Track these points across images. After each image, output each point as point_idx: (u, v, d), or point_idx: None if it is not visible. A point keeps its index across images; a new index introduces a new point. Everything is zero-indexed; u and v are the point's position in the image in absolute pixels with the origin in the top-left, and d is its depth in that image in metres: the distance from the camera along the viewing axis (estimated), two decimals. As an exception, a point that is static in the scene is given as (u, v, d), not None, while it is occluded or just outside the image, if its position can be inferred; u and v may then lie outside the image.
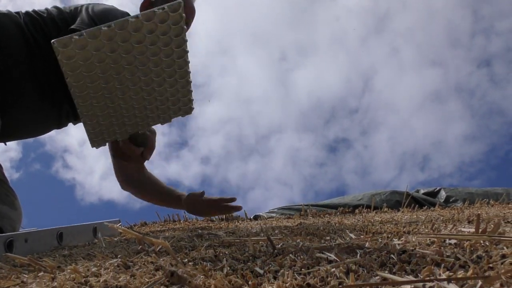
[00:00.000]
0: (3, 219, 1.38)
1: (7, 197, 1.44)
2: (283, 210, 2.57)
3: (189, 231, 1.62)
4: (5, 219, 1.38)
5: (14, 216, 1.43)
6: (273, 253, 0.76)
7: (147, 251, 0.90)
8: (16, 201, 1.49)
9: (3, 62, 1.38)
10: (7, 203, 1.43)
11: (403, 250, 0.66)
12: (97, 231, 1.49)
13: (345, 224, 1.45)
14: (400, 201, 2.48)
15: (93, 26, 1.41)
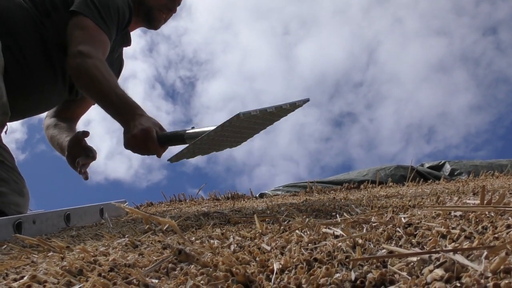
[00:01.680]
0: (11, 206, 1.39)
1: (16, 184, 1.46)
2: (288, 187, 2.58)
3: (195, 210, 1.63)
4: (13, 205, 1.40)
5: (22, 202, 1.45)
6: (279, 230, 0.77)
7: (154, 231, 0.90)
8: (24, 187, 1.50)
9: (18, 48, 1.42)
10: (16, 190, 1.44)
11: (409, 223, 0.67)
12: (104, 212, 1.50)
13: (351, 200, 1.45)
14: (405, 175, 2.48)
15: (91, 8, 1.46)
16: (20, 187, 1.47)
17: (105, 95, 1.39)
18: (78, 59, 1.39)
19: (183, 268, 0.52)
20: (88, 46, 1.42)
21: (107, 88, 1.38)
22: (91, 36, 1.45)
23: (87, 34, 1.45)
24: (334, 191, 2.26)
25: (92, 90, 1.42)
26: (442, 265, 0.40)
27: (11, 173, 1.45)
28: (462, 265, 0.39)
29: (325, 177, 2.67)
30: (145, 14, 1.70)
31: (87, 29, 1.45)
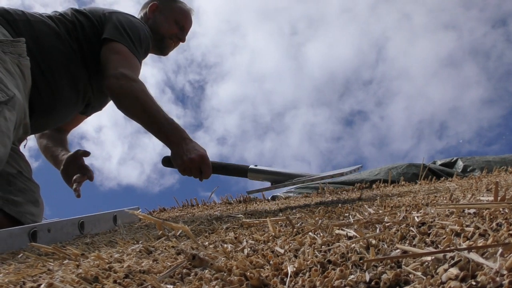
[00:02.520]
0: (26, 215, 1.41)
1: (32, 194, 1.48)
2: (300, 189, 2.58)
3: (208, 214, 1.63)
4: (28, 214, 1.42)
5: (37, 212, 1.47)
6: (292, 232, 0.77)
7: (167, 236, 0.91)
8: (39, 197, 1.53)
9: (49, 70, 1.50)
10: (32, 200, 1.47)
11: (422, 222, 0.66)
12: (117, 219, 1.51)
13: (363, 200, 1.45)
14: (417, 173, 2.47)
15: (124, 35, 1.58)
16: (36, 197, 1.49)
17: (155, 119, 1.49)
18: (123, 81, 1.48)
19: (197, 273, 0.53)
20: (129, 70, 1.51)
21: (156, 112, 1.48)
22: (127, 60, 1.55)
23: (124, 59, 1.54)
24: (346, 192, 2.25)
25: (140, 113, 1.50)
26: (457, 264, 0.40)
27: (28, 183, 1.48)
28: (477, 263, 0.39)
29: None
30: (158, 41, 1.84)
31: (122, 54, 1.55)
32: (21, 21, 1.49)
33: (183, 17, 1.90)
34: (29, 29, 1.48)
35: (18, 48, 1.37)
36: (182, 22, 1.88)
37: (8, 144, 1.20)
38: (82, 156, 1.80)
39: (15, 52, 1.35)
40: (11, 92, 1.24)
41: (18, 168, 1.46)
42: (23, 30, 1.47)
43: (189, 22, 1.92)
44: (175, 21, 1.86)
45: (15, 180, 1.43)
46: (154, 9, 1.86)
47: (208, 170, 1.51)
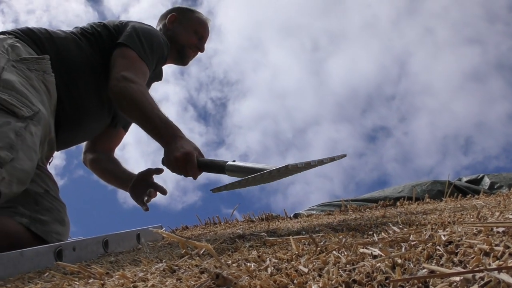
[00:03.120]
0: (52, 234, 1.43)
1: (59, 213, 1.51)
2: (323, 206, 2.56)
3: (230, 232, 1.63)
4: (54, 234, 1.44)
5: (63, 231, 1.49)
6: (316, 251, 0.76)
7: (191, 255, 0.91)
8: (66, 216, 1.56)
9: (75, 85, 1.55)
10: (58, 219, 1.49)
11: (449, 241, 0.65)
12: (140, 237, 1.52)
13: (387, 218, 1.43)
14: (442, 190, 2.42)
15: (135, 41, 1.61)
16: (62, 216, 1.52)
17: (148, 117, 1.49)
18: (122, 83, 1.51)
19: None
20: (131, 73, 1.54)
21: (150, 110, 1.49)
22: (133, 65, 1.58)
23: (130, 63, 1.58)
24: (370, 209, 2.22)
25: (135, 112, 1.52)
26: (487, 284, 0.39)
27: (55, 202, 1.51)
28: (508, 284, 0.38)
29: (360, 193, 2.65)
30: (177, 51, 1.89)
31: (130, 59, 1.59)
32: (45, 39, 1.54)
33: (201, 27, 1.94)
34: (53, 46, 1.54)
35: (43, 65, 1.42)
36: (200, 32, 1.93)
37: (34, 158, 1.23)
38: (154, 174, 1.84)
39: (40, 69, 1.40)
40: (36, 107, 1.27)
41: (45, 187, 1.49)
42: (47, 47, 1.52)
43: (207, 32, 1.96)
44: (194, 31, 1.91)
45: (42, 200, 1.46)
46: (173, 20, 1.91)
47: (192, 169, 1.45)
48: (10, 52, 1.38)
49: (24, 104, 1.25)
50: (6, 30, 1.51)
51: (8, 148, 1.15)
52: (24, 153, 1.19)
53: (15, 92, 1.26)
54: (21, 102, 1.24)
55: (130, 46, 1.61)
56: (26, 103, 1.25)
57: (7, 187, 1.14)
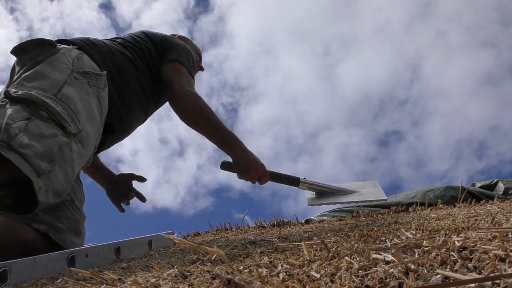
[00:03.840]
0: (67, 242, 1.44)
1: (76, 224, 1.53)
2: (334, 212, 2.55)
3: (242, 238, 1.63)
4: (70, 245, 1.45)
5: (77, 242, 1.51)
6: (328, 257, 0.76)
7: (202, 260, 0.91)
8: (83, 228, 1.58)
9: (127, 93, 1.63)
10: (74, 229, 1.51)
11: (464, 246, 0.64)
12: (152, 243, 1.52)
13: (400, 223, 1.41)
14: (455, 196, 2.40)
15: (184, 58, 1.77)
16: (79, 227, 1.54)
17: (220, 131, 1.71)
18: (193, 99, 1.68)
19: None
20: (193, 88, 1.71)
21: (220, 125, 1.71)
22: (188, 80, 1.73)
23: (187, 79, 1.72)
24: (382, 215, 2.21)
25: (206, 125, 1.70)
26: (502, 290, 0.38)
27: (76, 212, 1.53)
28: (525, 290, 0.37)
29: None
30: None
31: (185, 75, 1.73)
32: (105, 53, 1.59)
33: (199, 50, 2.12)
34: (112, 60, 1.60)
35: (100, 81, 1.46)
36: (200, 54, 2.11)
37: (70, 173, 1.25)
38: (136, 180, 1.94)
39: (97, 85, 1.44)
40: (81, 126, 1.31)
41: (72, 196, 1.52)
42: (107, 62, 1.56)
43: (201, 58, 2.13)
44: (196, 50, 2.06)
45: (64, 207, 1.48)
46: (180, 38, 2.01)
47: (266, 179, 1.80)
48: (76, 63, 1.41)
49: (73, 120, 1.27)
50: (70, 39, 1.54)
51: (49, 160, 1.17)
52: (61, 167, 1.21)
53: (69, 107, 1.29)
54: (71, 117, 1.27)
55: (181, 62, 1.74)
56: (75, 120, 1.28)
57: (44, 197, 1.16)
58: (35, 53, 1.37)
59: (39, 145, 1.16)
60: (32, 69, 1.32)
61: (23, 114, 1.19)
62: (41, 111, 1.22)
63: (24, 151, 1.12)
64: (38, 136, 1.17)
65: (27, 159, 1.12)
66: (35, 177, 1.13)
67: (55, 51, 1.40)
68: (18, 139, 1.12)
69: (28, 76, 1.30)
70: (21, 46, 1.39)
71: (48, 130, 1.21)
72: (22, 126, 1.16)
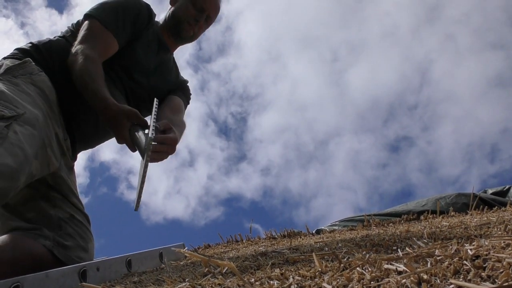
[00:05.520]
0: (74, 259, 1.45)
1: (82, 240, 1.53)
2: (345, 222, 2.53)
3: (252, 250, 1.63)
4: (76, 258, 1.45)
5: (85, 257, 1.51)
6: (340, 267, 0.75)
7: (213, 273, 0.91)
8: (90, 242, 1.58)
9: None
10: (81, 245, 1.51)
11: (477, 255, 0.64)
12: (163, 256, 1.52)
13: (412, 232, 1.40)
14: (467, 203, 2.38)
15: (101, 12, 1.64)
16: (86, 242, 1.53)
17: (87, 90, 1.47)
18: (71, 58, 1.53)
19: (245, 311, 0.52)
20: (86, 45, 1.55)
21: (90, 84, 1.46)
22: (89, 35, 1.59)
23: (89, 34, 1.59)
24: (393, 224, 2.19)
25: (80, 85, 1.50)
26: (517, 300, 0.38)
27: (79, 227, 1.52)
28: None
29: (384, 205, 2.62)
30: (174, 25, 1.83)
31: (91, 29, 1.60)
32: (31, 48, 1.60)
33: None
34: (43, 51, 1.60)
35: (27, 68, 1.46)
36: (199, 4, 1.83)
37: (19, 154, 1.23)
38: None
39: (25, 73, 1.44)
40: (21, 109, 1.29)
41: (70, 212, 1.51)
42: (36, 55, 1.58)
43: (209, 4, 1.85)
44: (192, 3, 1.82)
45: (65, 225, 1.48)
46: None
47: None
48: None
49: (6, 107, 1.27)
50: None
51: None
52: (5, 149, 1.18)
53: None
54: (3, 106, 1.27)
55: (92, 15, 1.63)
56: (8, 106, 1.27)
57: None
58: None
59: None
60: None
61: None
62: None
63: None
64: None
65: None
66: None
67: None
68: None
69: None
70: None
71: None
72: None
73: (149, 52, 1.82)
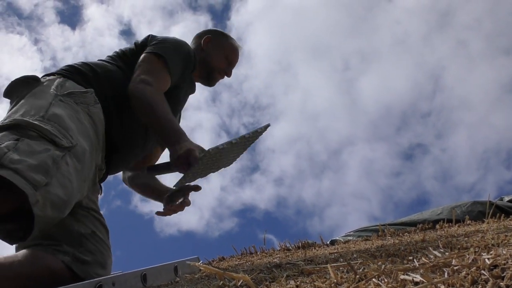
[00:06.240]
0: (93, 275, 1.46)
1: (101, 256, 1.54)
2: (359, 232, 2.52)
3: (267, 262, 1.62)
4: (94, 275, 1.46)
5: (103, 274, 1.52)
6: (355, 279, 0.75)
7: (228, 286, 0.91)
8: (109, 259, 1.59)
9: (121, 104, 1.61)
10: (100, 262, 1.52)
11: (494, 264, 0.63)
12: (178, 270, 1.52)
13: (427, 241, 1.39)
14: (483, 211, 2.35)
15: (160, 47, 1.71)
16: (105, 259, 1.55)
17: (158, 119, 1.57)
18: (140, 85, 1.59)
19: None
20: (150, 77, 1.62)
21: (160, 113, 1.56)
22: (155, 69, 1.65)
23: (152, 67, 1.65)
24: (408, 233, 2.17)
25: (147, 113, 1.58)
26: (537, 310, 0.37)
27: (99, 244, 1.54)
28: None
29: (399, 214, 2.60)
30: (207, 72, 1.95)
31: (152, 63, 1.66)
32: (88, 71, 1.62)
33: (233, 53, 1.99)
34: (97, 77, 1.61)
35: (88, 98, 1.49)
36: (231, 58, 1.98)
37: (69, 186, 1.26)
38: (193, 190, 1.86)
39: (85, 103, 1.47)
40: (75, 141, 1.33)
41: (92, 229, 1.53)
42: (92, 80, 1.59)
43: (237, 59, 2.02)
44: (225, 56, 1.96)
45: (86, 241, 1.50)
46: (208, 41, 1.96)
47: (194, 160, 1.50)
48: (59, 89, 1.46)
49: (65, 136, 1.30)
50: (52, 72, 1.59)
51: (44, 172, 1.18)
52: (58, 180, 1.21)
53: (58, 125, 1.32)
54: (61, 134, 1.30)
55: (154, 52, 1.68)
56: (66, 135, 1.31)
57: (42, 210, 1.15)
58: (20, 91, 1.43)
59: (31, 160, 1.16)
60: (18, 103, 1.37)
61: (11, 136, 1.21)
62: (30, 132, 1.24)
63: (16, 166, 1.12)
64: (29, 153, 1.18)
65: (20, 174, 1.12)
66: (31, 190, 1.12)
67: (39, 84, 1.45)
68: (7, 156, 1.13)
69: (15, 109, 1.35)
70: (8, 87, 1.45)
71: (40, 147, 1.22)
72: (11, 146, 1.17)
73: (186, 95, 1.95)
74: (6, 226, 1.23)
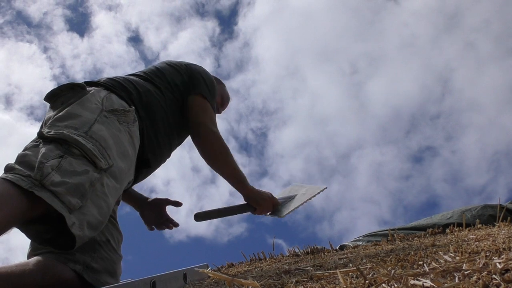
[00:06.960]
0: (102, 285, 1.46)
1: (112, 264, 1.56)
2: (369, 237, 2.50)
3: (276, 268, 1.61)
4: (104, 285, 1.47)
5: (112, 282, 1.53)
6: (365, 284, 0.74)
7: (238, 293, 0.90)
8: (119, 268, 1.61)
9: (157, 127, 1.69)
10: (109, 270, 1.54)
11: (506, 268, 0.62)
12: (187, 277, 1.52)
13: (438, 246, 1.38)
14: (494, 215, 2.33)
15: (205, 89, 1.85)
16: (114, 268, 1.56)
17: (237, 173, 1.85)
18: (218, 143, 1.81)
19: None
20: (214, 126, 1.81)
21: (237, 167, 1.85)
22: (213, 120, 1.83)
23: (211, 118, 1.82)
24: (418, 238, 2.16)
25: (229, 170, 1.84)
26: (549, 314, 0.37)
27: (111, 253, 1.56)
28: None
29: (409, 218, 2.59)
30: None
31: (209, 113, 1.82)
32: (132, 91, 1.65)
33: (226, 97, 2.22)
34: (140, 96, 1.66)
35: (128, 117, 1.52)
36: (224, 99, 2.20)
37: (103, 206, 1.29)
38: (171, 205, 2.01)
39: (126, 121, 1.50)
40: (112, 161, 1.35)
41: (108, 237, 1.55)
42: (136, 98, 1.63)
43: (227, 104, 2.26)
44: (221, 95, 2.14)
45: (100, 248, 1.52)
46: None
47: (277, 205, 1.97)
48: (105, 102, 1.47)
49: (104, 156, 1.32)
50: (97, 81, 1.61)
51: (80, 196, 1.21)
52: (93, 201, 1.25)
53: (99, 143, 1.34)
54: (101, 154, 1.32)
55: (206, 98, 1.81)
56: (105, 155, 1.33)
57: (80, 230, 1.20)
58: (66, 97, 1.44)
59: (71, 182, 1.20)
60: (64, 110, 1.38)
61: (56, 152, 1.24)
62: (73, 149, 1.27)
63: (56, 189, 1.16)
64: (70, 173, 1.22)
65: (58, 197, 1.16)
66: (67, 213, 1.16)
67: (85, 92, 1.46)
68: (50, 177, 1.17)
69: (60, 117, 1.36)
70: (53, 92, 1.46)
71: (80, 167, 1.25)
72: (55, 165, 1.20)
73: None
74: (36, 227, 1.26)
